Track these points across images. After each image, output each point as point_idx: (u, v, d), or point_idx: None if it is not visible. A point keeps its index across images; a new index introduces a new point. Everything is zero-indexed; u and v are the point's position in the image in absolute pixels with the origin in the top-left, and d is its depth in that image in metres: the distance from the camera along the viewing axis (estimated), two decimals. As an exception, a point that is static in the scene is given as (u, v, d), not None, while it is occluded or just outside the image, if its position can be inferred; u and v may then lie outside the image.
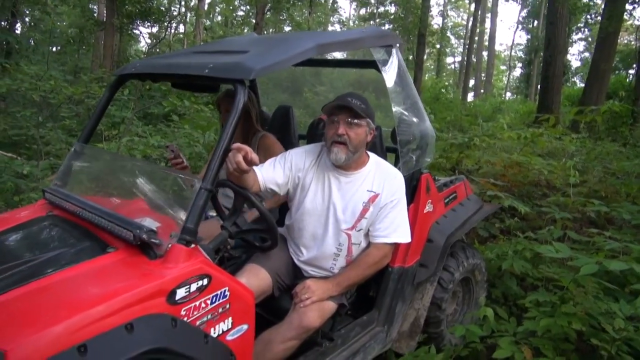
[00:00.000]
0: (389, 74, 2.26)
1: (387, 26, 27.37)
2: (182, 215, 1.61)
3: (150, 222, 1.69)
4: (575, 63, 30.53)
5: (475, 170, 4.87)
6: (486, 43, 33.39)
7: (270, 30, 20.88)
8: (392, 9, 26.23)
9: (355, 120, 1.94)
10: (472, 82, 32.52)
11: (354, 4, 32.99)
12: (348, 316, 2.32)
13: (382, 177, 2.05)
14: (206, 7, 25.45)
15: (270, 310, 2.15)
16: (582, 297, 2.18)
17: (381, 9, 27.37)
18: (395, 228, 2.05)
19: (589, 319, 2.18)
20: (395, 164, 2.31)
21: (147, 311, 1.39)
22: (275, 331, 1.92)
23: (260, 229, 1.96)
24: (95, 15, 19.34)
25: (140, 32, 17.48)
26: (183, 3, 17.84)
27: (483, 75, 33.22)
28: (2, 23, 14.53)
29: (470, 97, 28.73)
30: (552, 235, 3.09)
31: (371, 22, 29.14)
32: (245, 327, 1.66)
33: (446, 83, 25.47)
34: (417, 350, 2.44)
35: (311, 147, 2.17)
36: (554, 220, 3.44)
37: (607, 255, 2.49)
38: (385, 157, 2.46)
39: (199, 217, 1.59)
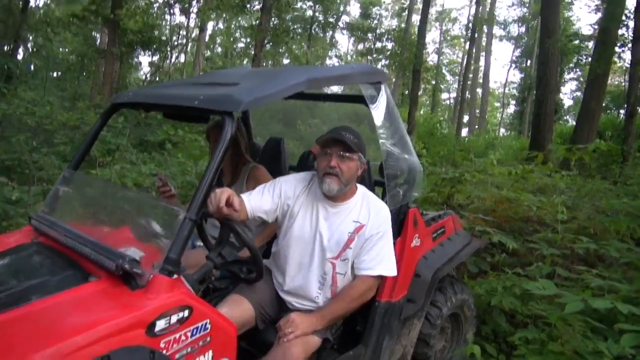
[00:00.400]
0: (377, 110, 2.30)
1: (383, 61, 27.99)
2: (166, 246, 1.60)
3: (134, 252, 1.68)
4: (567, 102, 31.09)
5: (467, 205, 4.90)
6: (480, 80, 34.07)
7: (269, 62, 21.27)
8: (389, 45, 26.90)
9: (348, 154, 1.99)
10: (466, 118, 33.00)
11: (352, 39, 33.77)
12: (334, 351, 2.28)
13: (368, 209, 2.08)
14: (207, 38, 26.00)
15: (254, 343, 2.12)
16: (570, 335, 2.17)
17: (378, 44, 28.04)
18: (380, 260, 2.05)
19: (577, 358, 2.16)
20: (383, 198, 2.33)
21: (125, 343, 1.38)
22: (259, 366, 1.89)
23: (246, 261, 1.96)
24: (98, 43, 19.70)
25: (140, 61, 17.74)
26: (184, 34, 18.20)
27: (477, 111, 33.76)
28: (5, 48, 14.75)
29: (464, 132, 29.10)
30: (541, 272, 3.09)
31: (368, 57, 29.77)
32: (225, 360, 1.63)
33: (441, 118, 25.87)
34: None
35: (302, 175, 2.21)
36: (544, 257, 3.44)
37: (594, 293, 2.48)
38: (373, 191, 2.49)
39: (182, 247, 1.59)
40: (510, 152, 14.90)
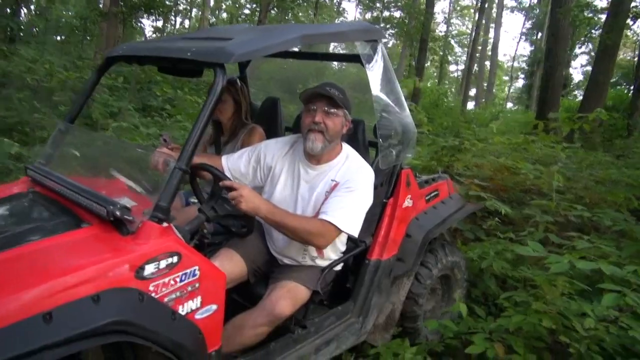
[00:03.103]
0: (373, 69, 2.28)
1: (391, 31, 27.45)
2: (156, 194, 1.63)
3: (127, 201, 1.72)
4: (578, 76, 30.61)
5: (466, 174, 4.91)
6: (489, 53, 33.45)
7: (274, 29, 20.85)
8: (397, 13, 26.33)
9: (333, 110, 1.97)
10: (474, 92, 32.57)
11: (359, 7, 33.07)
12: (324, 306, 2.35)
13: (348, 168, 2.05)
14: (212, 3, 25.54)
15: (246, 296, 2.18)
16: (554, 295, 2.21)
17: (386, 13, 27.45)
18: (338, 210, 1.91)
19: (560, 318, 2.21)
20: (376, 158, 2.34)
21: (114, 284, 1.42)
22: (246, 316, 1.94)
23: (237, 215, 1.99)
24: (101, 6, 19.40)
25: (144, 26, 17.50)
26: (189, -1, 17.91)
27: (485, 84, 33.28)
28: (7, 10, 14.59)
29: (471, 105, 28.79)
30: (533, 238, 3.12)
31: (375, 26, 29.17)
32: (214, 307, 1.68)
33: (447, 91, 25.55)
34: (391, 342, 2.46)
35: (285, 138, 2.22)
36: (539, 224, 3.47)
37: (584, 257, 2.51)
38: (367, 151, 2.50)
39: (172, 195, 1.61)
40: (516, 126, 14.78)
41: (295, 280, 2.02)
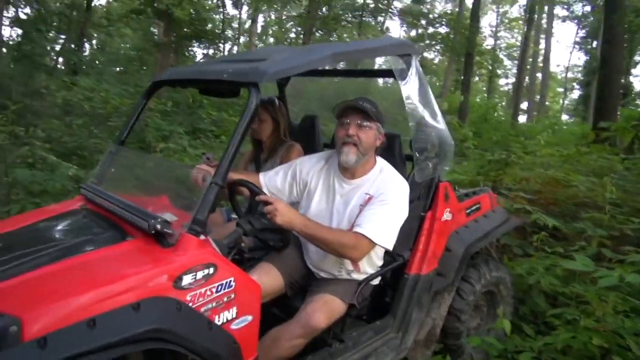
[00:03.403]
0: (407, 83, 2.30)
1: (436, 47, 27.20)
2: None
3: (169, 216, 1.80)
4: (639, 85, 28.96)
5: (514, 188, 4.74)
6: (541, 64, 32.38)
7: (319, 51, 21.20)
8: (441, 30, 26.11)
9: (366, 123, 1.99)
10: (526, 106, 31.52)
11: (404, 25, 33.10)
12: (362, 321, 2.34)
13: (381, 181, 2.06)
14: (259, 29, 26.43)
15: (284, 309, 2.21)
16: (605, 312, 2.08)
17: (431, 30, 27.29)
18: (372, 223, 1.91)
19: (613, 336, 2.08)
20: (412, 171, 2.34)
21: (154, 293, 1.49)
22: (283, 329, 1.96)
23: (274, 229, 2.03)
24: (155, 37, 20.55)
25: (195, 53, 18.33)
26: (237, 26, 18.62)
27: (538, 97, 32.15)
28: (72, 45, 15.79)
29: (523, 119, 27.84)
30: (586, 252, 2.96)
31: (420, 43, 29.08)
32: (249, 318, 1.72)
33: (498, 104, 24.86)
34: (432, 359, 2.40)
35: (321, 154, 2.27)
36: (592, 239, 3.30)
37: (637, 270, 2.36)
38: (404, 165, 2.50)
39: (208, 209, 1.68)
40: (572, 139, 14.12)
41: (331, 293, 2.03)
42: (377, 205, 1.97)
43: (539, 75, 32.90)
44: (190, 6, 11.75)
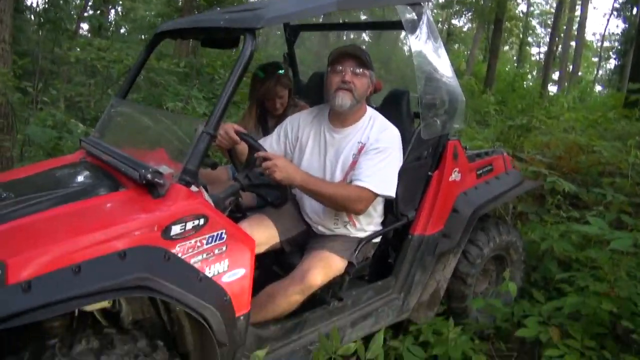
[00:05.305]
0: (417, 35, 2.18)
1: (465, 14, 26.20)
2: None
3: (164, 168, 1.77)
4: (679, 53, 27.38)
5: (534, 155, 4.56)
6: (575, 32, 30.92)
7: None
8: (471, -5, 25.10)
9: (360, 70, 1.95)
10: (557, 75, 30.31)
11: (433, -9, 31.90)
12: (363, 281, 2.30)
13: (372, 129, 2.02)
14: (282, -5, 25.87)
15: (283, 266, 2.19)
16: (617, 277, 1.99)
17: (459, -5, 26.27)
18: (371, 174, 1.89)
19: (624, 301, 1.99)
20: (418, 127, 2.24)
21: (141, 242, 1.47)
22: (279, 285, 1.94)
23: (271, 184, 1.99)
24: (179, 4, 20.36)
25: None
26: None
27: (571, 66, 30.84)
28: (96, 11, 15.86)
29: (554, 89, 26.84)
30: (604, 219, 2.83)
31: (449, 9, 28.07)
32: (242, 271, 1.69)
33: (528, 75, 23.95)
34: (434, 319, 2.36)
35: (310, 109, 2.23)
36: (611, 205, 3.15)
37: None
38: (411, 122, 2.40)
39: (199, 159, 1.64)
40: (602, 109, 13.52)
41: (329, 250, 1.99)
42: (372, 155, 1.94)
43: (573, 43, 31.48)
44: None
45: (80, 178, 1.91)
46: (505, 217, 3.11)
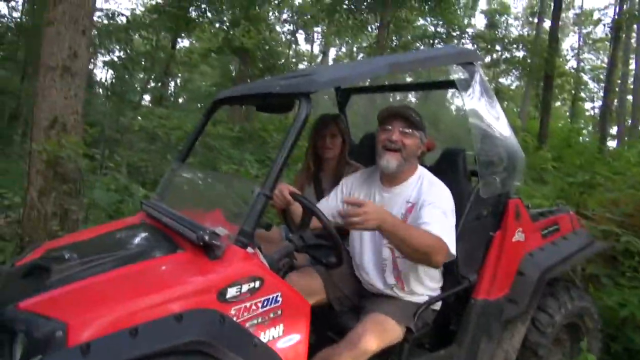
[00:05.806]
0: (470, 93, 2.16)
1: (513, 72, 26.24)
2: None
3: (220, 230, 1.78)
4: None
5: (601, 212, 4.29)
6: (631, 86, 30.00)
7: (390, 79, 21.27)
8: (519, 53, 25.15)
9: (409, 130, 1.93)
10: (615, 130, 29.19)
11: (478, 51, 32.29)
12: (424, 349, 2.16)
13: (422, 186, 1.96)
14: (330, 62, 27.07)
15: (333, 328, 2.10)
16: None
17: (506, 55, 26.42)
18: (434, 222, 1.76)
19: None
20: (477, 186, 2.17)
21: (197, 305, 1.46)
22: (332, 350, 1.84)
23: (326, 245, 1.95)
24: (233, 74, 21.76)
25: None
26: (308, 59, 19.25)
27: (630, 121, 29.66)
28: (158, 84, 17.21)
29: (614, 145, 25.73)
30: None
31: (496, 69, 28.20)
32: (297, 337, 1.64)
33: (584, 130, 23.20)
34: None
35: (363, 170, 2.24)
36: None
37: None
38: (468, 181, 2.33)
39: (255, 220, 1.64)
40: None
41: (385, 314, 1.90)
42: (428, 209, 1.83)
43: (630, 97, 30.46)
44: (259, 39, 12.33)
45: (139, 240, 1.96)
46: (575, 280, 2.88)
